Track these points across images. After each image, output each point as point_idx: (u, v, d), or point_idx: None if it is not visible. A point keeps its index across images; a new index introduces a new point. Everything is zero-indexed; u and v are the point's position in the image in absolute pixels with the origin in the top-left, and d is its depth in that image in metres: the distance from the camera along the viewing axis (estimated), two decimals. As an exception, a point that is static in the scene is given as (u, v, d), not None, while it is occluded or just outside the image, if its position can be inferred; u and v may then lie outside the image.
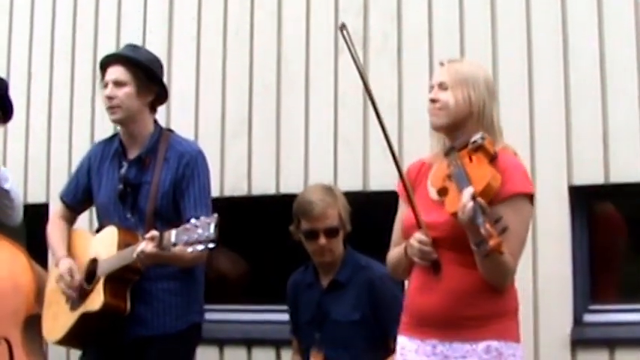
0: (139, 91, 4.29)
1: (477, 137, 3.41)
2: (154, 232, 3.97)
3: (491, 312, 3.39)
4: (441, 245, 3.40)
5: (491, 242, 3.12)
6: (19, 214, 5.06)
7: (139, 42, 5.57)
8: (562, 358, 4.74)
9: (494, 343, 3.35)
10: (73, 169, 4.85)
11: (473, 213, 3.16)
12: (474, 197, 3.20)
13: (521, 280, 3.52)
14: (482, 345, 3.35)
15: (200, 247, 3.80)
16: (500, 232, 3.18)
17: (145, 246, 3.95)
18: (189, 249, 3.83)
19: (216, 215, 3.83)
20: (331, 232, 4.45)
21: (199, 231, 3.80)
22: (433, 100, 3.53)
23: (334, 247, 4.47)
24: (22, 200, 5.11)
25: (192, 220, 3.85)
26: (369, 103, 4.96)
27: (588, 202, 4.93)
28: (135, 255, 3.97)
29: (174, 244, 3.88)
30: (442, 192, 3.41)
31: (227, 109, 5.60)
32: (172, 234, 3.89)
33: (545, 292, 4.77)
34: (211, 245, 3.81)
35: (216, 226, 3.79)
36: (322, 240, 4.45)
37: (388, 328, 4.19)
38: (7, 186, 4.94)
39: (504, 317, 3.43)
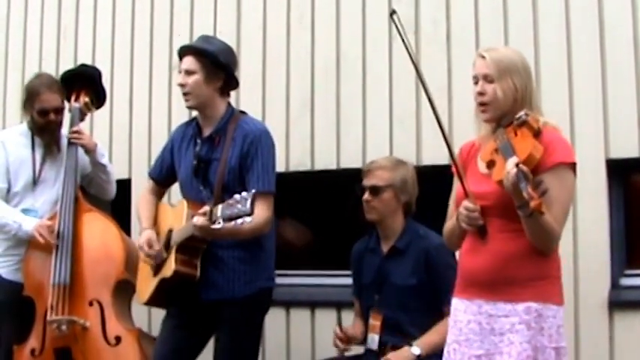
0: (206, 78, 4.38)
1: (521, 114, 3.45)
2: (206, 208, 4.05)
3: (533, 274, 3.43)
4: (490, 214, 3.47)
5: (532, 203, 3.16)
6: (113, 188, 5.26)
7: (210, 32, 5.63)
8: (600, 319, 4.74)
9: (534, 305, 3.40)
10: (153, 148, 4.92)
11: (516, 178, 3.22)
12: (517, 165, 3.25)
13: (562, 247, 3.55)
14: (522, 306, 3.41)
15: (239, 220, 3.86)
16: (541, 194, 3.22)
17: (197, 220, 4.05)
18: (232, 223, 3.88)
19: (253, 191, 3.87)
20: (374, 190, 4.51)
21: (239, 206, 3.85)
22: (481, 93, 3.55)
23: (377, 206, 4.51)
24: (115, 176, 5.28)
25: (235, 196, 3.90)
26: (420, 83, 5.06)
27: (624, 174, 4.92)
28: (192, 228, 4.10)
29: (223, 219, 3.93)
30: (490, 164, 3.47)
31: (291, 91, 5.62)
32: (219, 209, 3.97)
33: (584, 258, 4.78)
34: (248, 219, 3.84)
35: (252, 202, 3.81)
36: (366, 195, 4.52)
37: (441, 294, 4.23)
38: (104, 161, 5.12)
39: (546, 280, 3.46)
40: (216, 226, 3.98)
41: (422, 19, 5.25)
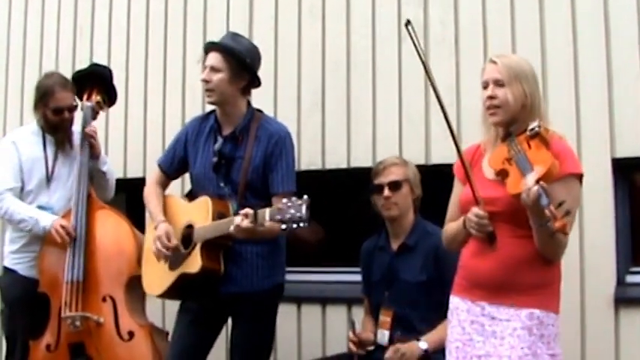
0: (231, 78, 4.41)
1: (534, 125, 3.45)
2: (249, 210, 4.08)
3: (537, 281, 3.47)
4: (497, 219, 3.47)
5: (557, 224, 3.16)
6: (110, 193, 5.30)
7: (222, 27, 5.68)
8: (606, 315, 4.73)
9: (536, 312, 3.45)
10: (167, 147, 4.92)
11: (538, 196, 3.21)
12: (537, 181, 3.25)
13: (569, 245, 3.54)
14: (526, 311, 3.45)
15: (294, 225, 3.91)
16: (565, 214, 3.19)
17: (241, 221, 4.07)
18: (283, 226, 3.92)
19: (306, 197, 3.92)
20: (395, 186, 4.54)
21: (292, 211, 3.91)
22: (492, 97, 3.55)
23: (399, 201, 4.54)
24: (114, 181, 5.31)
25: (284, 200, 3.95)
26: (429, 85, 5.06)
27: (629, 173, 4.91)
28: (232, 228, 4.10)
29: (269, 221, 3.98)
30: (501, 173, 3.46)
31: (302, 90, 5.65)
32: (266, 212, 4.01)
33: (590, 256, 4.77)
34: (302, 225, 3.90)
35: (307, 208, 3.88)
36: (386, 192, 4.54)
37: (449, 290, 4.25)
38: (104, 168, 5.14)
39: (548, 289, 3.51)
40: (260, 228, 4.06)
41: (430, 21, 5.25)
